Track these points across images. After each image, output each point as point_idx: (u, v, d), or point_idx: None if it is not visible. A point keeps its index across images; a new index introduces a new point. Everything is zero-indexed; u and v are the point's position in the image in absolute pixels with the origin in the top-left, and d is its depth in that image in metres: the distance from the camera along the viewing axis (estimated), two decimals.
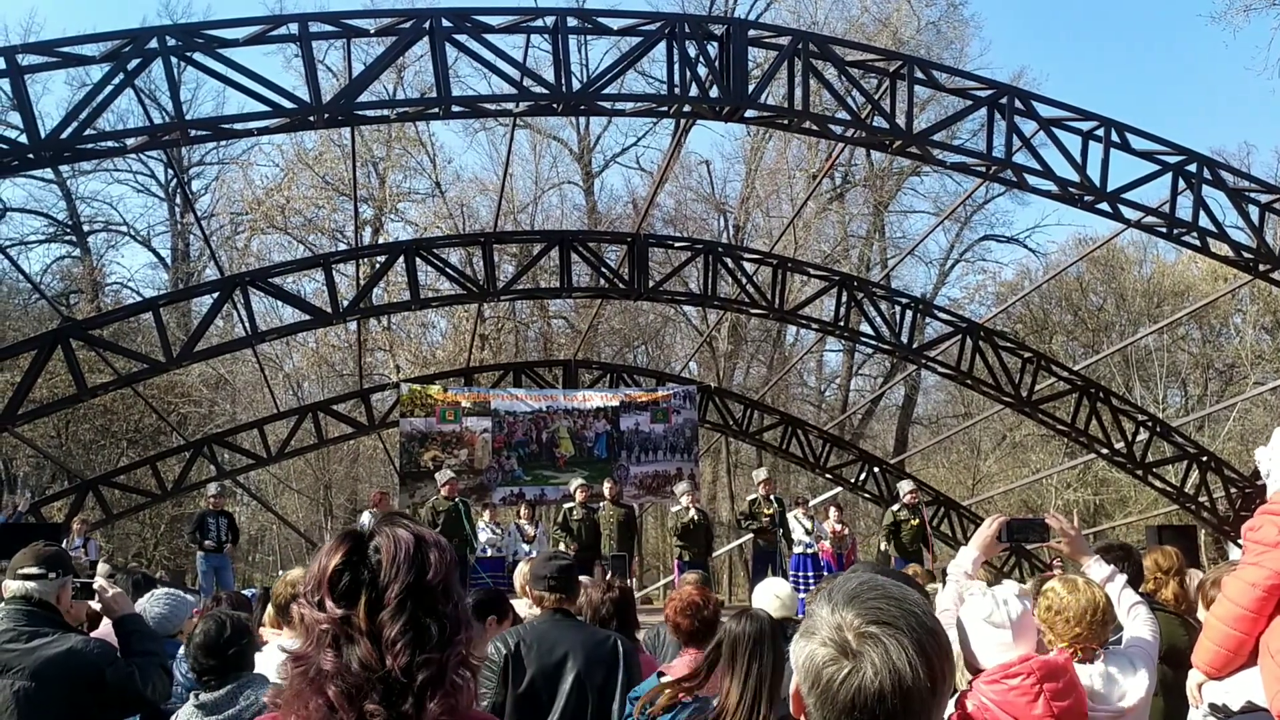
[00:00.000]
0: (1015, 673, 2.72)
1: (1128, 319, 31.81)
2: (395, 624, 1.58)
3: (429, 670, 1.58)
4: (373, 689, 1.56)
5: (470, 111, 12.70)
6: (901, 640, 1.39)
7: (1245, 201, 12.96)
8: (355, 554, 1.62)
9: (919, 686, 1.37)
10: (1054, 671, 2.72)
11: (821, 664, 1.41)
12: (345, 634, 1.58)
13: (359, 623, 1.58)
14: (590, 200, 32.93)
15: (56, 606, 3.77)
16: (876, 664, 1.37)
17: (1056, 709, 2.67)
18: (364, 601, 1.59)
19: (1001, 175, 12.70)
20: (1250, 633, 3.53)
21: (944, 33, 32.57)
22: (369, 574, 1.60)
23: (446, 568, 1.65)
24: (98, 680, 3.61)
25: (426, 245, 16.43)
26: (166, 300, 18.93)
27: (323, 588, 1.60)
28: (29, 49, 9.79)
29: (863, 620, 1.41)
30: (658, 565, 31.19)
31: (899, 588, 1.48)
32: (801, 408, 32.86)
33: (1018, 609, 2.90)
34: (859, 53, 12.96)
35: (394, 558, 1.61)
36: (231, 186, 31.28)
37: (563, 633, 4.11)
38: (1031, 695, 2.68)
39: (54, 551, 3.89)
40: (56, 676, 3.54)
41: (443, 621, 1.62)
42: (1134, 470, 17.78)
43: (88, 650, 3.65)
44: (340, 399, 20.33)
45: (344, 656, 1.57)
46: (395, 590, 1.59)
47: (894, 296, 17.94)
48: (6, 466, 26.49)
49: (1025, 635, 2.87)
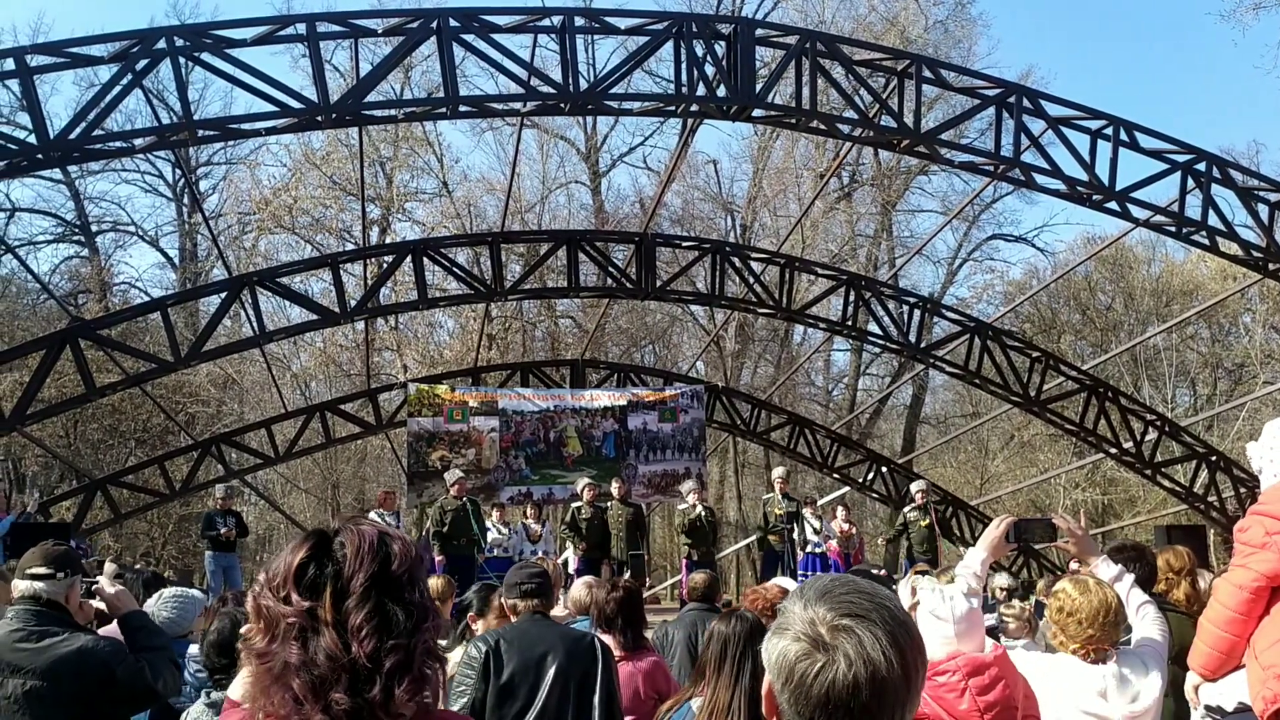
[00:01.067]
0: (943, 669, 2.75)
1: (1136, 318, 31.72)
2: (360, 612, 1.59)
3: (396, 656, 1.59)
4: (338, 679, 1.56)
5: (478, 111, 12.71)
6: (874, 631, 1.39)
7: (1254, 200, 12.92)
8: (320, 550, 1.64)
9: (893, 677, 1.37)
10: (979, 667, 2.74)
11: (795, 659, 1.40)
12: (311, 626, 1.59)
13: (324, 614, 1.59)
14: (597, 200, 32.92)
15: (65, 606, 3.76)
16: (850, 656, 1.37)
17: (982, 704, 2.69)
18: (329, 592, 1.60)
19: (1010, 174, 12.67)
20: (1241, 634, 3.53)
21: (951, 31, 32.55)
22: (334, 567, 1.62)
23: (410, 560, 1.67)
24: (109, 678, 3.61)
25: (434, 245, 16.46)
26: (174, 300, 18.92)
27: (288, 583, 1.62)
28: (38, 49, 9.81)
29: (835, 614, 1.41)
30: (665, 565, 31.17)
31: (870, 583, 1.48)
32: (809, 407, 32.82)
33: (963, 607, 2.91)
34: (867, 52, 12.92)
35: (358, 549, 1.63)
36: (239, 186, 31.36)
37: (542, 631, 4.22)
38: (958, 691, 2.71)
39: (62, 551, 3.87)
40: (68, 676, 3.54)
41: (409, 609, 1.63)
42: (1143, 470, 17.73)
43: (98, 648, 3.65)
44: (348, 398, 20.37)
45: (309, 648, 1.58)
46: (360, 580, 1.61)
47: (902, 296, 17.90)
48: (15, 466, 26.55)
49: (970, 634, 2.89)
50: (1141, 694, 3.29)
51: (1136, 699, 3.28)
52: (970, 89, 12.70)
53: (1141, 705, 3.28)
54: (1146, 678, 3.32)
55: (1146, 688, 3.30)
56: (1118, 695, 3.28)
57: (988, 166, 12.70)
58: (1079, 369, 18.34)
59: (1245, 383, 29.76)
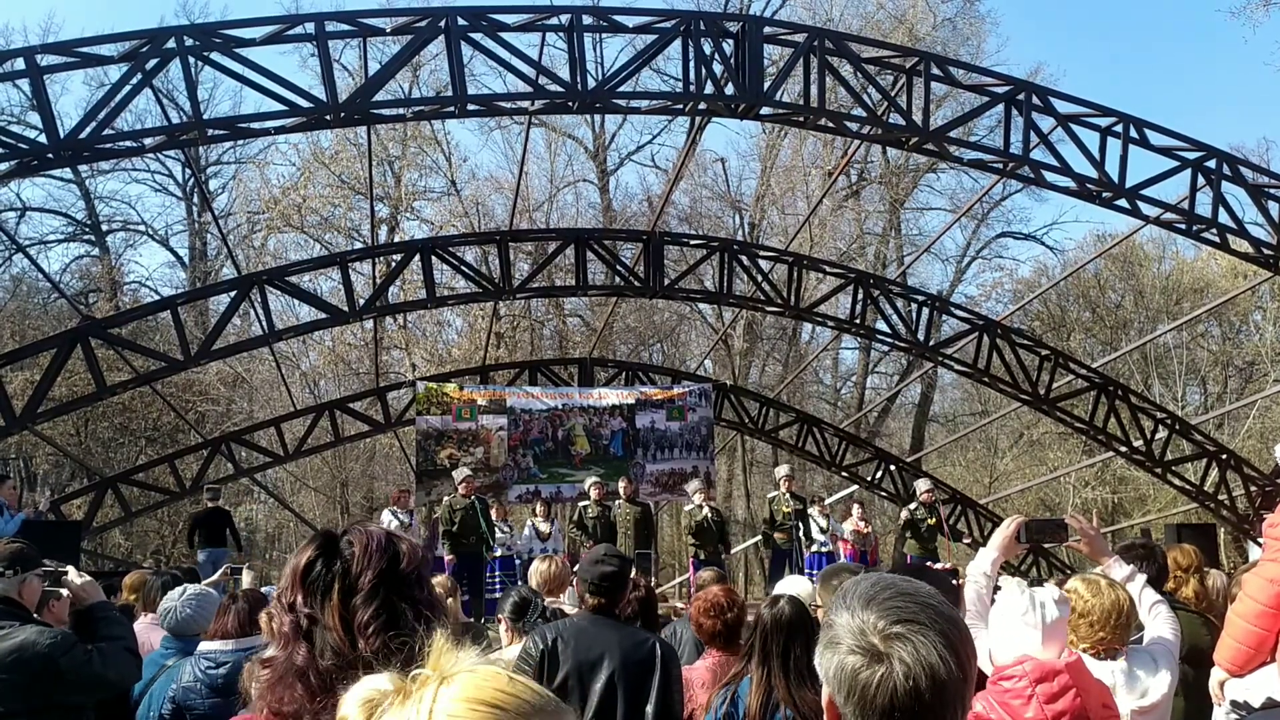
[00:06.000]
0: (1010, 674, 2.70)
1: (1146, 316, 31.60)
2: (368, 608, 1.60)
3: (404, 654, 1.57)
4: (346, 676, 1.55)
5: (486, 110, 12.73)
6: (928, 635, 1.40)
7: (1265, 197, 12.87)
8: (327, 550, 1.65)
9: (952, 678, 1.39)
10: (1047, 674, 2.69)
11: (854, 672, 1.41)
12: (318, 625, 1.60)
13: (332, 612, 1.60)
14: (605, 198, 32.92)
15: (19, 601, 3.86)
16: (908, 662, 1.38)
17: (1051, 713, 2.63)
18: (337, 590, 1.61)
19: (1019, 172, 12.64)
20: (1271, 629, 3.52)
21: (960, 29, 32.44)
22: (342, 566, 1.63)
23: (418, 560, 1.69)
24: (52, 669, 3.69)
25: (442, 244, 16.47)
26: (184, 299, 19.04)
27: (295, 586, 1.63)
28: (48, 49, 9.85)
29: (886, 621, 1.42)
30: (673, 564, 31.16)
31: (909, 583, 1.49)
32: (817, 405, 32.79)
33: (1054, 614, 2.87)
34: (875, 49, 12.91)
35: (366, 548, 1.64)
36: (248, 185, 31.43)
37: (601, 631, 4.07)
38: (1024, 698, 2.65)
39: (15, 549, 3.98)
40: (10, 668, 3.62)
41: (417, 607, 1.64)
42: (1153, 468, 17.68)
43: (39, 641, 3.72)
44: (357, 397, 20.41)
45: (317, 647, 1.59)
46: (369, 577, 1.62)
47: (910, 294, 17.86)
48: (27, 465, 26.69)
49: (1053, 641, 2.84)
50: (1150, 691, 3.28)
51: (1145, 695, 3.27)
52: (979, 86, 12.67)
53: (1149, 701, 3.26)
54: (1156, 675, 3.31)
55: (1155, 685, 3.29)
56: (1125, 691, 3.27)
57: (997, 164, 12.66)
58: (1088, 367, 18.29)
59: (1256, 381, 29.63)
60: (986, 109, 12.98)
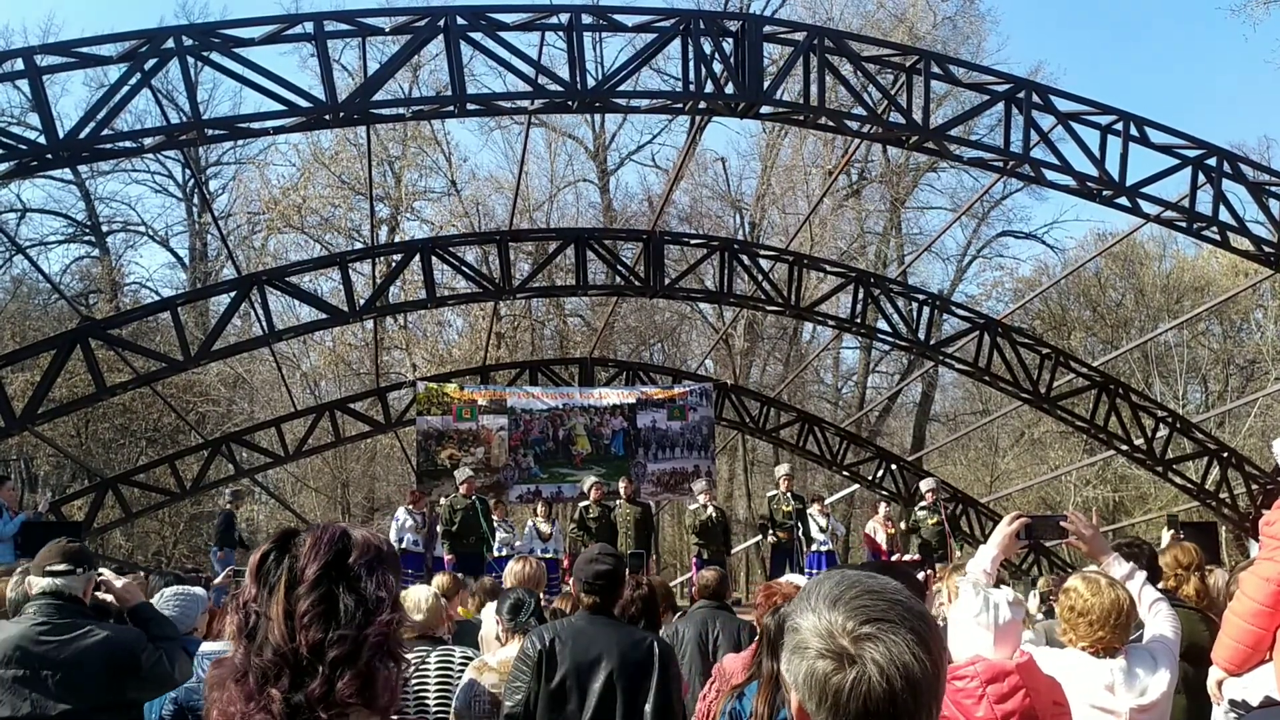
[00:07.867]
0: (962, 674, 2.73)
1: (1147, 314, 31.60)
2: (307, 599, 1.55)
3: (341, 648, 1.54)
4: (280, 673, 1.52)
5: (485, 109, 12.72)
6: (900, 633, 1.33)
7: (1266, 195, 12.85)
8: (280, 546, 1.63)
9: (926, 676, 1.33)
10: (997, 675, 2.71)
11: (825, 677, 1.33)
12: (262, 619, 1.57)
13: (276, 605, 1.56)
14: (605, 198, 32.92)
15: (84, 600, 3.89)
16: (881, 664, 1.31)
17: (1000, 712, 2.67)
18: (283, 582, 1.58)
19: (1019, 170, 12.63)
20: (1268, 628, 3.51)
21: (960, 27, 32.42)
22: (289, 559, 1.60)
23: (373, 553, 1.63)
24: (134, 665, 3.75)
25: (442, 244, 16.46)
26: (184, 300, 19.02)
27: (251, 582, 1.61)
28: (47, 50, 9.84)
29: (855, 621, 1.34)
30: (675, 563, 31.15)
31: (875, 579, 1.41)
32: (818, 405, 32.78)
33: (1006, 616, 2.89)
34: (875, 48, 12.88)
35: (315, 541, 1.61)
36: (248, 186, 31.43)
37: (599, 631, 4.06)
38: (975, 698, 2.69)
39: (78, 548, 4.00)
40: (96, 665, 3.67)
41: (361, 597, 1.58)
42: (1154, 467, 17.67)
43: (123, 638, 3.80)
44: (357, 397, 20.42)
45: (256, 643, 1.55)
46: (313, 569, 1.58)
47: (911, 293, 17.86)
48: (27, 466, 26.71)
49: (1004, 643, 2.87)
50: (1149, 689, 3.27)
51: (1144, 693, 3.27)
52: (979, 85, 12.66)
53: (1149, 699, 3.26)
54: (1155, 673, 3.30)
55: (1154, 683, 3.28)
56: (1125, 689, 3.27)
57: (997, 162, 12.65)
58: (1089, 366, 18.28)
59: (1257, 379, 29.62)
60: (987, 107, 12.96)
